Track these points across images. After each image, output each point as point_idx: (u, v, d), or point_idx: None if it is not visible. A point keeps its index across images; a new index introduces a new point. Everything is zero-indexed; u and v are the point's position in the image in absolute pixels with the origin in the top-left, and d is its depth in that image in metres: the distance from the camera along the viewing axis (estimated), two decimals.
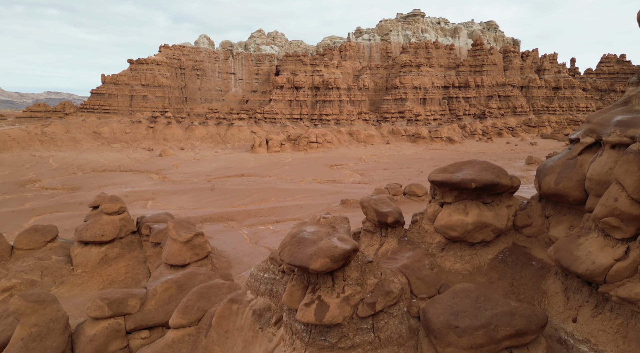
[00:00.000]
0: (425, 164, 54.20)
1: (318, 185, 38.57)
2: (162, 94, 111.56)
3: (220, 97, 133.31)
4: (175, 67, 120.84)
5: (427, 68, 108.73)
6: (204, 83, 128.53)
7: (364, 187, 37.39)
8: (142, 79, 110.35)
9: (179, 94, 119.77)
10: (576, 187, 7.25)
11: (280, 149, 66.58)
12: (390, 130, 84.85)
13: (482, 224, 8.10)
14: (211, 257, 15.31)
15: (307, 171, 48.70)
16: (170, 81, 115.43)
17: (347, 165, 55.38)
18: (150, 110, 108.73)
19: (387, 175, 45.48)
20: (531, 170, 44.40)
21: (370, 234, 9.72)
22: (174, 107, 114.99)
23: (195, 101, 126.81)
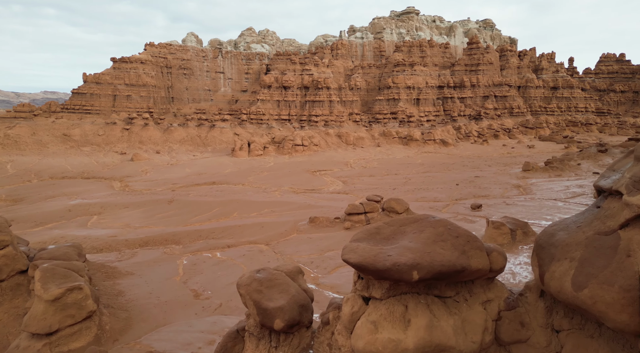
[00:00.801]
0: (414, 170, 50.52)
1: (292, 195, 34.81)
2: (147, 93, 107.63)
3: (209, 97, 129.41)
4: (161, 66, 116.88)
5: (421, 67, 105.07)
6: (191, 82, 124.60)
7: (342, 198, 33.62)
8: (126, 78, 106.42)
9: (164, 94, 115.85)
10: (622, 302, 3.46)
11: (263, 152, 62.80)
12: (381, 132, 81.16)
13: (436, 348, 4.30)
14: (99, 316, 11.45)
15: (285, 178, 44.93)
16: (156, 80, 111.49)
17: (331, 171, 51.64)
18: (135, 110, 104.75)
19: (372, 183, 41.76)
20: (528, 178, 40.77)
21: (255, 339, 5.86)
22: (159, 107, 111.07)
23: (182, 101, 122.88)
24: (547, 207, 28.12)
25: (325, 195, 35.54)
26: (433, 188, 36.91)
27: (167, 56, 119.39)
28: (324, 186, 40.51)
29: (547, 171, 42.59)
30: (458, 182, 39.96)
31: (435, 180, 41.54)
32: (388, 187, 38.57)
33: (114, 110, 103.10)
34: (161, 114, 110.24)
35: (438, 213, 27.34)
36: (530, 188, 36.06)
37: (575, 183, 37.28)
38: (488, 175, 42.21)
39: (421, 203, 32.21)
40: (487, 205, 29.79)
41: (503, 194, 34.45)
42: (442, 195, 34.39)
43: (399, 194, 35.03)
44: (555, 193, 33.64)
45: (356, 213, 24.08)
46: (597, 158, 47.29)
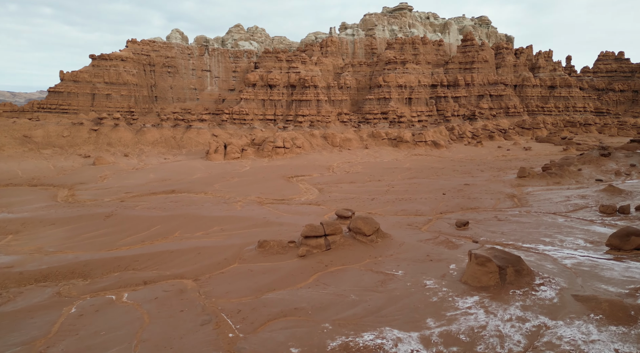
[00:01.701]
0: (400, 176, 46.32)
1: (255, 208, 30.54)
2: (128, 92, 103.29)
3: (195, 96, 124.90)
4: (143, 63, 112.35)
5: (414, 65, 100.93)
6: (176, 81, 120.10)
7: (311, 211, 29.39)
8: (106, 76, 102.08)
9: (147, 93, 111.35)
10: None
11: (240, 155, 58.47)
12: (370, 133, 76.94)
13: None
14: None
15: (256, 185, 40.64)
16: (137, 79, 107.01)
17: (309, 177, 47.37)
18: (115, 109, 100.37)
19: (351, 191, 37.55)
20: (524, 186, 36.63)
21: None
22: (141, 106, 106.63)
23: (166, 100, 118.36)
24: (546, 225, 23.95)
25: (293, 206, 31.29)
26: (417, 199, 32.73)
27: (150, 53, 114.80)
28: (296, 195, 36.25)
29: (544, 178, 38.46)
30: (446, 190, 35.82)
31: (421, 188, 37.38)
32: (367, 197, 34.40)
33: (92, 110, 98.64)
34: (143, 113, 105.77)
35: (417, 233, 23.12)
36: (526, 199, 31.91)
37: (576, 193, 33.15)
38: (479, 183, 38.06)
39: (401, 217, 28.04)
40: (476, 221, 25.62)
41: (495, 206, 30.28)
42: (426, 207, 30.22)
43: (376, 206, 30.88)
44: (555, 205, 29.49)
45: (314, 236, 19.84)
46: (599, 162, 43.20)
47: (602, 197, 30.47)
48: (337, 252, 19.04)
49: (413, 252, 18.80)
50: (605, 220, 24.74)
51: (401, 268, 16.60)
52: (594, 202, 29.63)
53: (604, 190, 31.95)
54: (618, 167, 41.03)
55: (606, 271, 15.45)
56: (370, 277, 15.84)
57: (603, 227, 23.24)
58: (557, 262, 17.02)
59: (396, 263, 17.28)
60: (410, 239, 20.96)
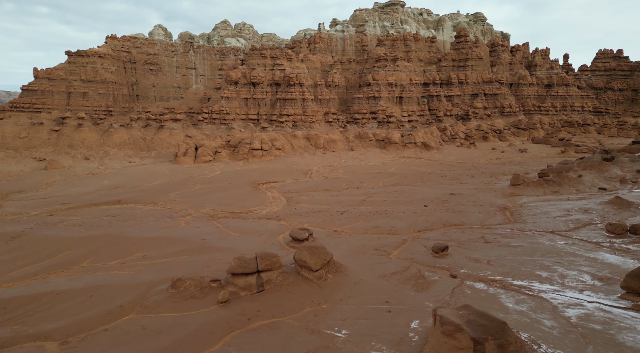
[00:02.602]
0: (382, 182, 41.94)
1: (203, 224, 26.09)
2: (106, 90, 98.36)
3: (179, 94, 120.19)
4: (124, 60, 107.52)
5: (405, 63, 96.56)
6: (159, 79, 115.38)
7: (265, 230, 24.95)
8: (82, 73, 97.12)
9: (127, 91, 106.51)
10: None
11: (213, 158, 53.99)
12: (356, 134, 72.54)
13: None
14: None
15: (218, 194, 36.18)
16: (117, 76, 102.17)
17: (282, 183, 42.93)
18: (92, 109, 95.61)
19: (322, 201, 33.13)
20: (518, 195, 32.29)
21: None
22: (120, 105, 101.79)
23: (148, 99, 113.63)
24: (542, 250, 19.60)
25: (248, 222, 26.81)
26: (394, 212, 28.35)
27: (131, 50, 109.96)
28: (258, 206, 31.80)
29: (541, 186, 34.15)
30: (429, 201, 31.47)
31: (401, 198, 33.01)
32: (338, 209, 29.99)
33: (68, 109, 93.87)
34: (123, 113, 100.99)
35: (382, 262, 18.67)
36: (520, 213, 27.56)
37: (577, 205, 28.81)
38: (468, 191, 33.71)
39: (371, 237, 23.65)
40: (458, 244, 21.27)
41: (483, 222, 25.93)
42: (403, 223, 25.85)
43: (346, 221, 26.49)
44: (553, 221, 25.16)
45: (244, 273, 15.38)
46: (601, 168, 38.91)
47: (607, 211, 26.17)
48: (271, 296, 14.59)
49: (369, 295, 14.42)
50: (614, 244, 20.42)
51: (346, 326, 12.20)
52: (598, 217, 25.32)
53: (609, 203, 27.64)
54: (623, 173, 36.77)
55: (626, 332, 11.14)
56: (300, 343, 11.44)
57: (613, 253, 18.91)
58: (559, 313, 12.67)
59: (342, 317, 12.87)
60: (371, 274, 16.58)
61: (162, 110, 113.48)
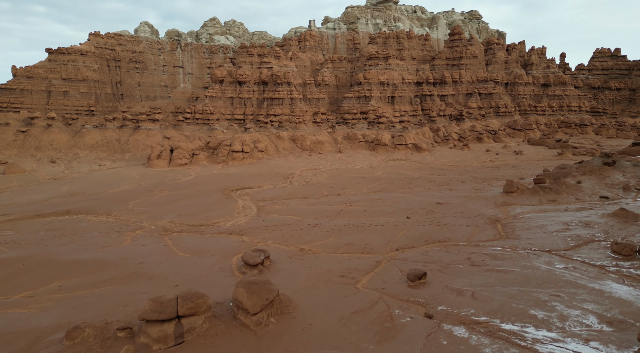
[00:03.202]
0: (366, 188, 38.84)
1: (152, 240, 22.92)
2: (88, 89, 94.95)
3: (166, 93, 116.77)
4: (107, 58, 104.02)
5: (397, 61, 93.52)
6: (145, 78, 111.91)
7: (221, 249, 21.83)
8: (63, 71, 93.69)
9: (111, 90, 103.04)
10: None
11: (189, 161, 50.78)
12: (345, 135, 69.43)
13: None
14: None
15: (183, 202, 32.98)
16: (99, 75, 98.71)
17: (258, 189, 39.75)
18: (73, 108, 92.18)
19: (295, 211, 30.02)
20: (512, 205, 29.27)
21: None
22: (103, 105, 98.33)
23: (134, 98, 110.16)
24: (539, 277, 16.56)
25: (206, 237, 23.67)
26: (372, 225, 25.27)
27: (115, 48, 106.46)
28: (223, 218, 28.63)
29: (536, 194, 31.13)
30: (412, 211, 28.39)
31: (383, 208, 29.92)
32: (311, 221, 26.88)
33: (48, 108, 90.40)
34: (106, 112, 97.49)
35: (345, 296, 15.56)
36: (513, 227, 24.52)
37: (577, 217, 25.80)
38: (456, 200, 30.64)
39: (341, 256, 20.56)
40: (440, 267, 18.22)
41: (471, 238, 22.87)
42: (380, 240, 22.77)
43: (316, 237, 23.42)
44: (550, 237, 22.12)
45: (159, 320, 12.15)
46: (602, 173, 35.93)
47: (611, 226, 23.17)
48: (192, 351, 11.45)
49: (317, 350, 11.33)
50: (622, 268, 17.38)
51: None
52: (601, 232, 22.31)
53: (613, 215, 24.64)
54: (626, 179, 33.79)
55: None
56: None
57: (622, 282, 15.86)
58: None
59: None
60: (328, 314, 13.46)
61: (148, 110, 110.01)
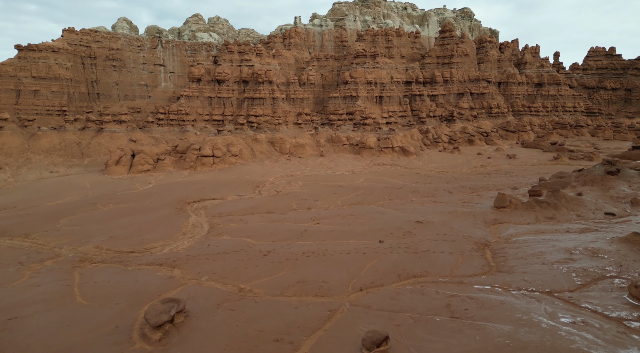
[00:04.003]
0: (341, 199, 34.57)
1: (53, 277, 18.54)
2: (60, 88, 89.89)
3: (146, 93, 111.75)
4: (82, 55, 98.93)
5: (386, 59, 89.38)
6: (123, 76, 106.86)
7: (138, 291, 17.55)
8: (33, 69, 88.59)
9: (85, 89, 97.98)
10: None
11: (153, 166, 46.27)
12: (328, 138, 65.13)
13: None
14: None
15: (124, 220, 28.49)
16: (73, 73, 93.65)
17: (220, 200, 35.33)
18: (44, 108, 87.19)
19: (251, 231, 25.70)
20: (503, 223, 25.13)
21: None
22: (76, 104, 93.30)
23: (111, 98, 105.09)
24: (538, 343, 12.34)
25: (128, 271, 19.25)
26: (336, 252, 21.01)
27: (90, 44, 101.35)
28: (163, 241, 24.21)
29: (532, 209, 27.00)
30: (387, 233, 24.18)
31: (355, 226, 25.66)
32: (265, 245, 22.59)
33: (17, 109, 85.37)
34: (79, 113, 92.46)
35: None
36: (505, 255, 20.33)
37: (581, 241, 21.65)
38: (440, 218, 26.41)
39: (288, 300, 16.27)
40: (410, 322, 13.99)
41: (454, 271, 18.66)
42: (341, 274, 18.53)
43: (264, 270, 19.15)
44: (551, 271, 17.98)
45: None
46: (605, 184, 31.87)
47: (624, 256, 19.05)
48: None
49: None
50: None
51: None
52: (613, 265, 18.18)
53: (625, 241, 20.53)
54: (633, 191, 29.74)
55: None
56: None
57: None
58: None
59: None
60: None
61: (126, 110, 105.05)
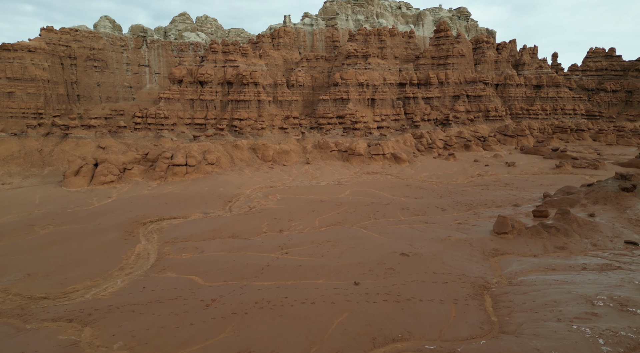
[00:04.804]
0: (321, 218, 30.47)
1: None
2: (36, 90, 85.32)
3: (130, 94, 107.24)
4: (61, 55, 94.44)
5: (379, 60, 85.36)
6: (105, 77, 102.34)
7: None
8: (8, 70, 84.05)
9: (64, 91, 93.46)
10: None
11: (118, 177, 41.99)
12: (315, 144, 60.99)
13: None
14: None
15: (57, 247, 24.28)
16: (51, 73, 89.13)
17: (182, 219, 31.08)
18: (19, 110, 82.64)
19: (206, 264, 21.65)
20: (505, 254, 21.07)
21: None
22: (54, 107, 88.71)
23: (92, 100, 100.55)
24: None
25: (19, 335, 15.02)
26: (298, 300, 16.88)
27: (70, 44, 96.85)
28: (91, 280, 20.01)
29: (539, 236, 22.94)
30: (367, 268, 20.06)
31: (328, 258, 21.53)
32: (215, 286, 18.56)
33: None
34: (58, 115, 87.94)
35: None
36: (509, 305, 16.22)
37: (603, 284, 17.55)
38: (430, 248, 22.28)
39: None
40: None
41: (443, 332, 14.54)
42: (298, 340, 14.45)
43: (196, 332, 15.09)
44: (569, 333, 13.91)
45: None
46: (620, 202, 27.84)
47: None
48: None
49: None
50: None
51: None
52: None
53: None
54: None
55: None
56: None
57: None
58: None
59: None
60: None
61: (108, 113, 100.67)
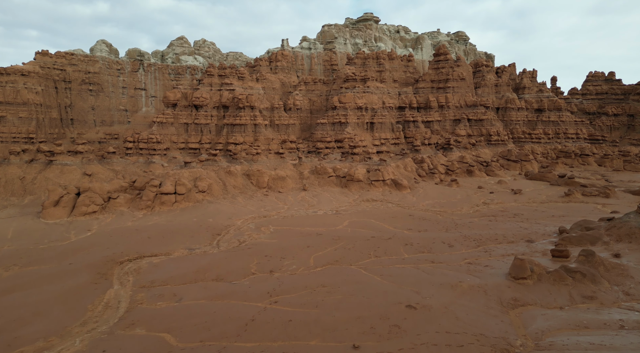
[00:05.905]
0: (317, 255, 27.79)
1: None
2: (29, 114, 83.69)
3: (125, 118, 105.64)
4: (55, 79, 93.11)
5: (377, 83, 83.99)
6: (100, 101, 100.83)
7: None
8: (0, 94, 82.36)
9: (58, 115, 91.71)
10: None
11: (102, 207, 39.43)
12: (312, 169, 58.66)
13: None
14: None
15: (18, 293, 21.50)
16: (43, 97, 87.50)
17: (164, 256, 28.35)
18: (10, 135, 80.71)
19: (178, 322, 18.93)
20: (526, 306, 18.55)
21: None
22: (46, 131, 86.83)
23: (86, 124, 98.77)
24: None
25: None
26: None
27: (65, 68, 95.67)
28: (44, 340, 17.22)
29: (562, 283, 20.27)
30: (368, 325, 17.36)
31: (324, 310, 18.76)
32: (187, 348, 15.67)
33: None
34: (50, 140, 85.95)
35: None
36: None
37: None
38: (439, 298, 19.53)
39: None
40: None
41: None
42: None
43: None
44: None
45: None
46: None
47: None
48: None
49: None
50: None
51: None
52: None
53: None
54: None
55: None
56: None
57: None
58: None
59: None
60: None
61: (102, 136, 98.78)
